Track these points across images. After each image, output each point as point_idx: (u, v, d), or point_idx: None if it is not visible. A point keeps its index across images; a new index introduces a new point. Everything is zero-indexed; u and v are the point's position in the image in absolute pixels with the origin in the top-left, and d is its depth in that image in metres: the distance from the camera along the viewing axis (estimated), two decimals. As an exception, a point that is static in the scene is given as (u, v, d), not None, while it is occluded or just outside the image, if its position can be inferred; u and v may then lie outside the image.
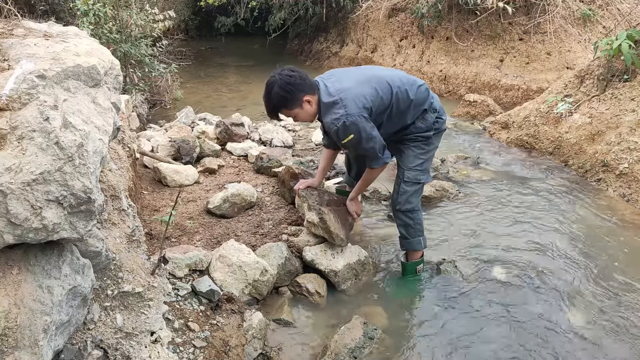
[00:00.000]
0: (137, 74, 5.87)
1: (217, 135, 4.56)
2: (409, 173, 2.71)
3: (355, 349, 2.25)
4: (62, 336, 1.62)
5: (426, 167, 2.75)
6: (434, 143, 2.76)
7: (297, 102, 2.43)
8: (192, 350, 2.03)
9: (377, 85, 2.49)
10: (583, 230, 3.41)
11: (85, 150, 1.48)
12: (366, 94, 2.43)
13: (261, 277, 2.53)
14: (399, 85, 2.54)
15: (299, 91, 2.41)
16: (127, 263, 1.96)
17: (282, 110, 2.47)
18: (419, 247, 2.84)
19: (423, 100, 2.63)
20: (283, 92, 2.39)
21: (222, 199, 3.23)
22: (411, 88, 2.57)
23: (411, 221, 2.77)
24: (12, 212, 1.35)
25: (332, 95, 2.42)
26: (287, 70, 2.43)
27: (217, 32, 11.96)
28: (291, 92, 2.40)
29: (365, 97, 2.42)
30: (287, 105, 2.44)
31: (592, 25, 7.21)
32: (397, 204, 2.76)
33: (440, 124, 2.73)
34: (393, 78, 2.56)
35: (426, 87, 2.67)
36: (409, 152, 2.71)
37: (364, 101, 2.41)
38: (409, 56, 8.38)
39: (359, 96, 2.41)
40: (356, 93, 2.42)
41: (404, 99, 2.55)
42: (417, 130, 2.67)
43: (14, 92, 1.42)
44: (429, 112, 2.66)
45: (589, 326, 2.49)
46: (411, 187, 2.71)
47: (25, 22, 2.01)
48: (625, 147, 4.04)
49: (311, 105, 2.46)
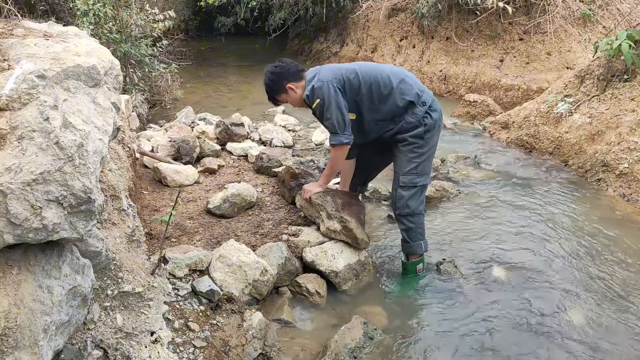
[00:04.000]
0: (137, 74, 5.87)
1: (217, 135, 4.56)
2: (404, 177, 2.71)
3: (355, 349, 2.25)
4: (62, 336, 1.62)
5: (422, 169, 2.71)
6: (429, 143, 2.71)
7: (282, 88, 2.74)
8: (192, 350, 2.03)
9: (355, 66, 2.72)
10: (583, 230, 3.41)
11: (85, 150, 1.48)
12: (341, 68, 2.70)
13: (261, 277, 2.53)
14: (382, 70, 2.71)
15: (282, 79, 2.72)
16: (127, 263, 1.96)
17: (272, 96, 2.81)
18: (419, 250, 2.84)
19: (407, 91, 2.65)
20: (268, 81, 2.76)
21: (222, 199, 3.23)
22: (395, 76, 2.69)
23: (412, 225, 2.77)
24: (12, 212, 1.35)
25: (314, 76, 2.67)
26: (277, 62, 2.77)
27: (217, 32, 11.97)
28: (274, 80, 2.74)
29: (339, 69, 2.68)
30: (274, 91, 2.78)
31: (592, 25, 7.21)
32: (396, 208, 2.78)
33: (431, 120, 2.67)
34: (377, 66, 2.81)
35: (415, 80, 2.74)
36: (402, 156, 2.71)
37: (336, 72, 2.65)
38: (409, 56, 8.38)
39: (331, 70, 2.67)
40: (330, 68, 2.71)
41: (385, 84, 2.66)
42: (408, 125, 2.66)
43: (14, 92, 1.42)
44: (417, 105, 2.65)
45: (589, 326, 2.48)
46: (407, 191, 2.71)
47: (25, 22, 2.01)
48: (625, 147, 4.04)
49: (295, 91, 2.73)
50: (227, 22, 11.48)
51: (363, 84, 2.63)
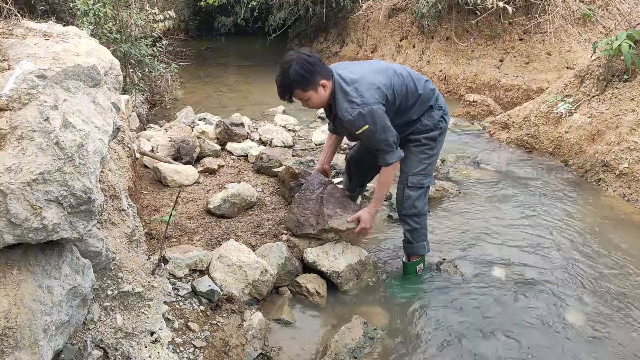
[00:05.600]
0: (137, 74, 5.87)
1: (217, 135, 4.56)
2: (412, 178, 2.69)
3: (355, 349, 2.25)
4: (62, 336, 1.62)
5: (429, 170, 2.73)
6: (438, 146, 2.74)
7: (314, 84, 2.36)
8: (192, 350, 2.03)
9: (391, 75, 2.48)
10: (583, 230, 3.41)
11: (85, 150, 1.48)
12: (381, 84, 2.40)
13: (261, 277, 2.53)
14: (408, 78, 2.55)
15: (317, 73, 2.35)
16: (127, 263, 1.96)
17: (296, 91, 2.37)
18: (422, 251, 2.84)
19: (429, 96, 2.62)
20: (303, 71, 2.30)
21: (222, 199, 3.23)
22: (419, 82, 2.58)
23: (417, 225, 2.77)
24: (12, 212, 1.35)
25: (349, 84, 2.39)
26: (306, 51, 2.38)
27: (217, 32, 11.97)
28: (310, 72, 2.32)
29: (379, 88, 2.39)
30: (304, 85, 2.35)
31: (592, 25, 7.21)
32: (402, 209, 2.77)
33: (445, 124, 2.71)
34: (402, 71, 2.56)
35: (431, 83, 2.68)
36: (412, 157, 2.69)
37: (379, 92, 2.38)
38: (409, 56, 8.38)
39: (373, 86, 2.38)
40: (371, 81, 2.39)
41: (412, 93, 2.55)
42: (424, 127, 2.64)
43: (14, 92, 1.42)
44: (434, 109, 2.64)
45: (589, 326, 2.48)
46: (415, 191, 2.71)
47: (25, 22, 2.01)
48: (625, 147, 4.04)
49: (325, 90, 2.41)
50: (227, 22, 11.48)
51: (397, 99, 2.51)
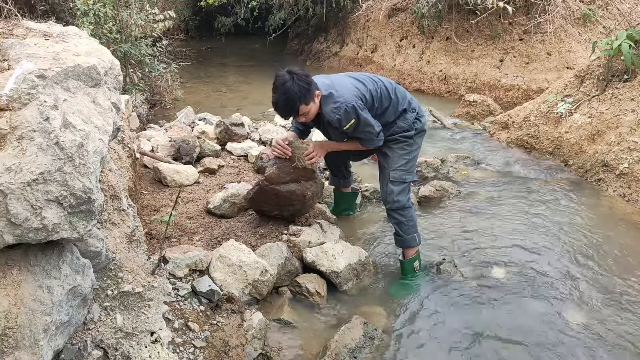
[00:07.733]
0: (137, 74, 5.87)
1: (217, 135, 4.56)
2: (394, 173, 2.82)
3: (355, 349, 2.25)
4: (62, 336, 1.62)
5: (410, 167, 2.86)
6: (417, 143, 2.88)
7: (312, 96, 2.50)
8: (192, 350, 2.03)
9: (365, 81, 2.68)
10: (583, 230, 3.41)
11: (85, 150, 1.48)
12: (354, 87, 2.62)
13: (261, 277, 2.53)
14: (380, 83, 2.74)
15: (313, 85, 2.50)
16: (127, 263, 1.96)
17: (301, 105, 2.46)
18: (413, 243, 2.89)
19: (402, 100, 2.80)
20: (305, 84, 2.44)
21: (222, 199, 3.23)
22: (390, 87, 2.77)
23: (403, 218, 2.83)
24: (12, 212, 1.35)
25: (326, 89, 2.58)
26: (297, 68, 2.50)
27: (217, 32, 11.97)
28: (309, 84, 2.47)
29: (357, 88, 2.61)
30: (307, 99, 2.47)
31: (592, 25, 7.21)
32: (387, 203, 2.87)
33: (420, 124, 2.86)
34: (374, 78, 2.77)
35: (402, 88, 2.88)
36: (392, 153, 2.84)
37: (356, 91, 2.59)
38: (409, 56, 8.38)
39: (349, 87, 2.59)
40: (345, 85, 2.60)
41: (386, 97, 2.73)
42: (400, 129, 2.81)
43: (14, 92, 1.42)
44: (408, 112, 2.82)
45: (589, 326, 2.49)
46: (397, 186, 2.82)
47: (25, 22, 2.01)
48: (625, 147, 4.04)
49: (317, 99, 2.57)
50: (227, 22, 11.48)
51: (375, 102, 2.70)
